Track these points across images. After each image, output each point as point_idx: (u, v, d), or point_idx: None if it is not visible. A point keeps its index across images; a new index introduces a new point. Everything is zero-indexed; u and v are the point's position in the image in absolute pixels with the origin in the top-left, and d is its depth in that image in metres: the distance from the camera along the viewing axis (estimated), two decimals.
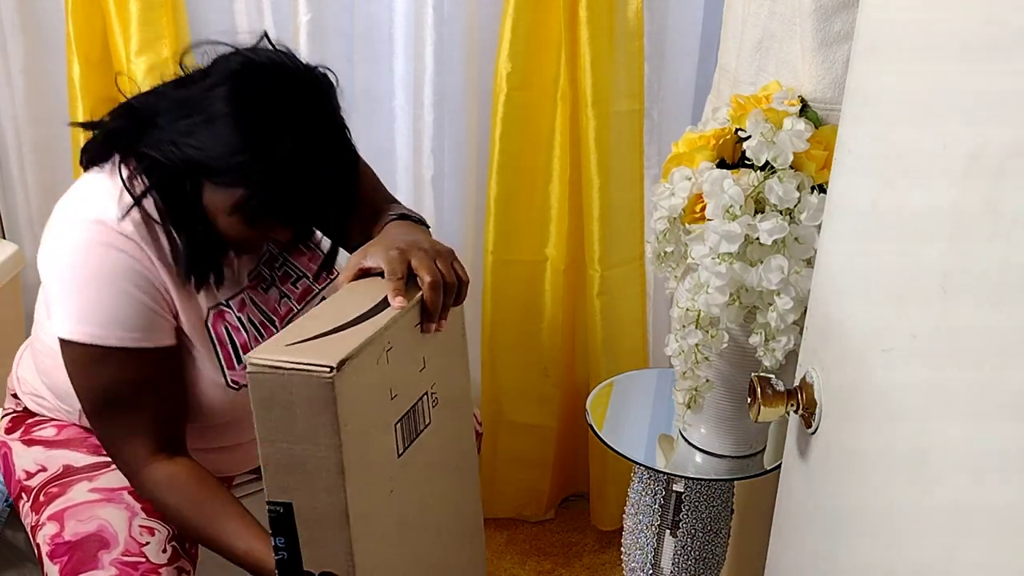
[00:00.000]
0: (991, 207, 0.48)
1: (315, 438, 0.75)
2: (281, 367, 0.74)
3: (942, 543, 0.53)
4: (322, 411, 0.74)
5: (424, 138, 1.59)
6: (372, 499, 0.81)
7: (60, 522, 1.05)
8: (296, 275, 1.16)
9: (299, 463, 0.77)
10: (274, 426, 0.76)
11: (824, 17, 1.04)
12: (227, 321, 1.06)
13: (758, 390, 0.77)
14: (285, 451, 0.77)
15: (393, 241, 0.94)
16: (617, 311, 1.68)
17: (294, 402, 0.75)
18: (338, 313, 0.83)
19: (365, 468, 0.79)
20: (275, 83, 0.95)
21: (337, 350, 0.75)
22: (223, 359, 1.06)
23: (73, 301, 0.97)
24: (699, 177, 1.05)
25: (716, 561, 1.27)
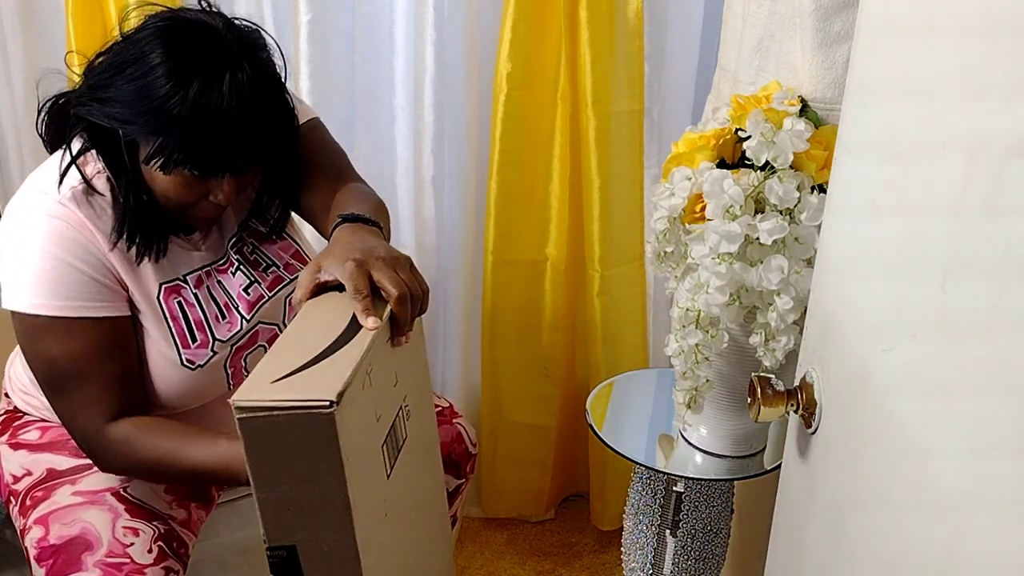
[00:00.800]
0: (992, 206, 0.48)
1: (318, 477, 0.72)
2: (275, 408, 0.70)
3: (942, 542, 0.53)
4: (324, 448, 0.71)
5: (424, 138, 1.59)
6: (372, 528, 0.79)
7: (45, 526, 1.05)
8: (267, 263, 1.16)
9: (301, 504, 0.73)
10: (271, 470, 0.72)
11: (824, 17, 1.04)
12: (182, 296, 1.06)
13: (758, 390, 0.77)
14: (285, 494, 0.73)
15: (348, 251, 0.88)
16: (617, 311, 1.68)
17: (292, 443, 0.71)
18: (311, 340, 0.79)
19: (365, 499, 0.76)
20: (193, 35, 0.95)
21: (329, 382, 0.72)
22: (176, 334, 1.06)
23: (15, 272, 0.99)
24: (699, 177, 1.05)
25: (716, 561, 1.27)
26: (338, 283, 0.86)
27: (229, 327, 1.10)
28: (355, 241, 0.92)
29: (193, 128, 0.93)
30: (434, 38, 1.52)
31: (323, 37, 1.54)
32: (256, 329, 1.14)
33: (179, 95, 0.92)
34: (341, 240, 0.93)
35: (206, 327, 1.08)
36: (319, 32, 1.53)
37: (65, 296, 0.98)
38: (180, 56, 0.93)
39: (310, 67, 1.54)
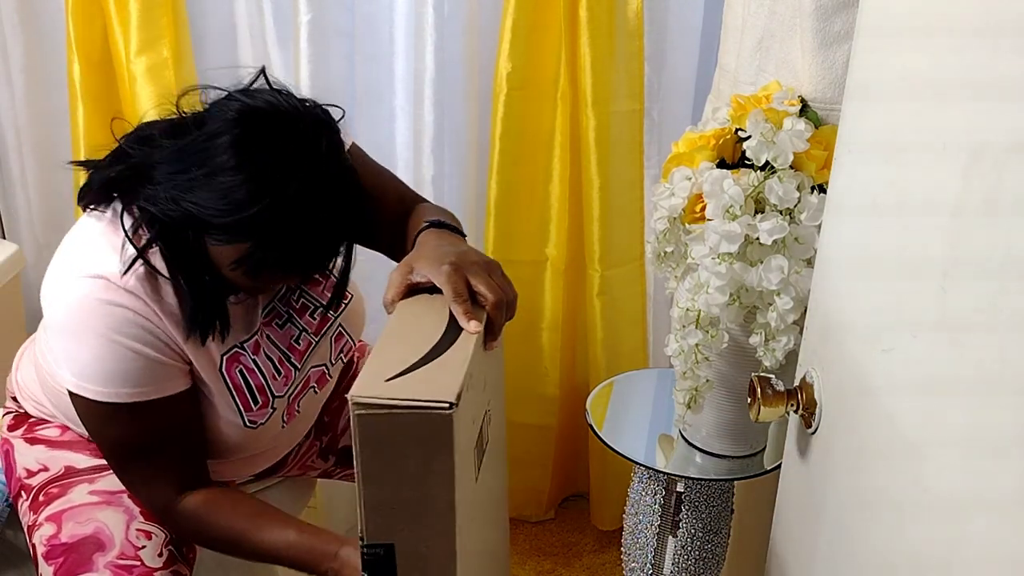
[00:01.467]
0: (992, 205, 0.48)
1: (427, 478, 0.73)
2: (394, 406, 0.71)
3: (942, 541, 0.53)
4: (439, 449, 0.71)
5: (424, 138, 1.59)
6: (465, 531, 0.79)
7: (58, 523, 1.04)
8: (313, 306, 1.12)
9: (406, 503, 0.74)
10: (381, 467, 0.73)
11: (824, 17, 1.04)
12: (242, 364, 1.04)
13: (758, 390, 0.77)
14: (391, 493, 0.74)
15: (442, 255, 0.89)
16: (617, 311, 1.68)
17: (407, 442, 0.72)
18: (415, 340, 0.80)
19: (462, 502, 0.77)
20: (273, 131, 0.90)
21: (446, 383, 0.72)
22: (240, 402, 1.04)
23: (79, 358, 0.95)
24: (699, 177, 1.05)
25: (716, 561, 1.27)
26: (429, 285, 0.87)
27: (285, 380, 1.08)
28: (445, 245, 0.93)
29: (287, 238, 0.90)
30: (434, 38, 1.52)
31: (323, 37, 1.54)
32: (308, 374, 1.13)
33: (265, 202, 0.87)
34: (430, 244, 0.94)
35: (266, 389, 1.06)
36: (319, 32, 1.53)
37: (134, 384, 0.95)
38: (260, 158, 0.88)
39: (310, 67, 1.54)
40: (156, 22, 1.52)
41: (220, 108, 0.93)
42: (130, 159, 0.96)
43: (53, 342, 0.99)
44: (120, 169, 0.97)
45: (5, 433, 1.17)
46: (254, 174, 0.87)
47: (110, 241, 0.96)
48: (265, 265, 0.92)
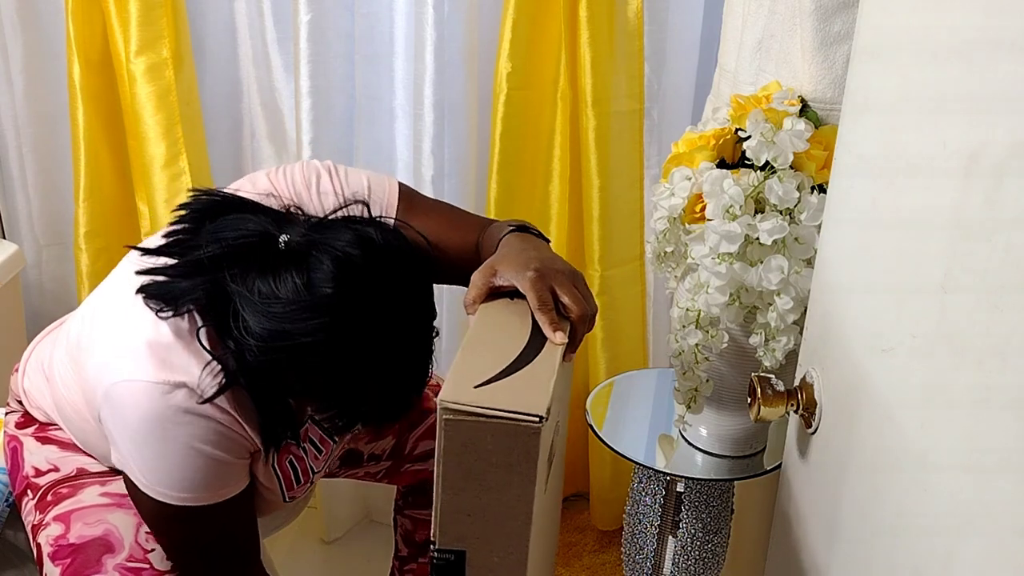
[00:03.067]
0: (992, 206, 0.48)
1: (508, 488, 0.72)
2: (483, 414, 0.71)
3: (942, 542, 0.53)
4: (522, 460, 0.71)
5: (424, 138, 1.59)
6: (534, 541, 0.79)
7: (66, 523, 1.04)
8: None
9: (482, 511, 0.74)
10: (463, 474, 0.73)
11: (824, 17, 1.04)
12: (292, 453, 1.04)
13: (758, 390, 0.77)
14: (470, 499, 0.74)
15: (526, 259, 0.86)
16: (617, 311, 1.68)
17: (491, 451, 0.71)
18: (500, 347, 0.80)
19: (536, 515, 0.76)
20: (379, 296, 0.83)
21: (534, 395, 0.72)
22: (285, 486, 1.05)
23: (154, 463, 0.92)
24: (699, 177, 1.05)
25: (716, 561, 1.27)
26: (512, 289, 0.85)
27: (325, 456, 1.09)
28: (530, 249, 0.90)
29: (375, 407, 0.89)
30: (434, 38, 1.52)
31: (323, 37, 1.54)
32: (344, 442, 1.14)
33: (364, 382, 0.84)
34: (514, 247, 0.91)
35: (309, 469, 1.07)
36: (319, 32, 1.53)
37: (212, 488, 0.94)
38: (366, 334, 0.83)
39: (310, 67, 1.54)
40: (156, 22, 1.52)
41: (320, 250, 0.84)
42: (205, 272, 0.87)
43: (121, 442, 0.94)
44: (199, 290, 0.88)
45: (13, 430, 1.16)
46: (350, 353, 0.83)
47: (185, 344, 0.90)
48: (349, 426, 0.92)
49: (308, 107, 1.55)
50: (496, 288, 0.87)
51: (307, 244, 0.85)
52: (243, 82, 1.69)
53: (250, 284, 0.84)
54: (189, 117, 1.60)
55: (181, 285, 0.89)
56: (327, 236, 0.85)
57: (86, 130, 1.59)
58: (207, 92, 1.65)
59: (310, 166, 1.03)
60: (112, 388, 0.92)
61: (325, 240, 0.84)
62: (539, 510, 0.80)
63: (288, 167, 1.03)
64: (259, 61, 1.65)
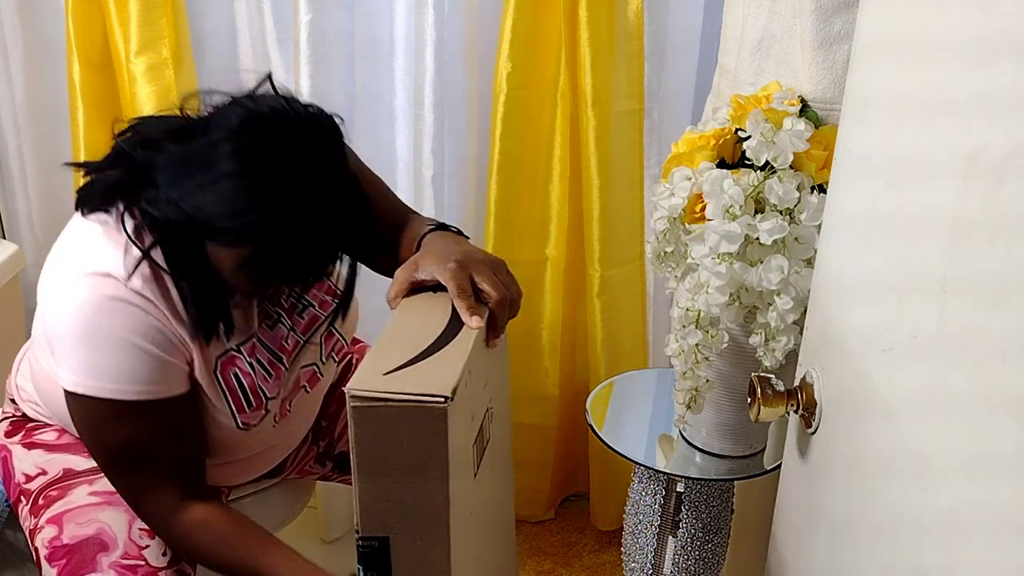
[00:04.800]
0: (992, 206, 0.48)
1: (423, 471, 0.73)
2: (389, 399, 0.72)
3: (942, 543, 0.53)
4: (435, 443, 0.72)
5: (424, 138, 1.59)
6: (461, 526, 0.80)
7: (59, 525, 1.04)
8: (302, 305, 1.12)
9: (401, 497, 0.75)
10: (378, 460, 0.74)
11: (824, 17, 1.04)
12: (237, 366, 1.03)
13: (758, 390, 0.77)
14: (387, 486, 0.75)
15: (447, 254, 0.91)
16: (617, 311, 1.68)
17: (403, 435, 0.72)
18: (416, 335, 0.80)
19: (458, 497, 0.77)
20: (277, 137, 0.89)
21: (442, 378, 0.73)
22: (233, 404, 1.03)
23: (86, 357, 0.94)
24: (699, 177, 1.05)
25: (716, 561, 1.27)
26: (433, 283, 0.88)
27: (276, 382, 1.08)
28: (452, 244, 0.94)
29: (290, 244, 0.90)
30: (434, 38, 1.52)
31: (323, 37, 1.54)
32: (298, 374, 1.12)
33: (267, 208, 0.87)
34: (436, 244, 0.96)
35: (260, 391, 1.05)
36: (319, 32, 1.53)
37: (143, 381, 0.95)
38: (263, 164, 0.88)
39: (310, 67, 1.54)
40: (156, 22, 1.52)
41: (224, 113, 0.92)
42: (132, 162, 0.95)
43: (56, 343, 0.97)
44: (123, 172, 0.96)
45: (2, 439, 1.17)
46: (257, 180, 0.87)
47: (112, 240, 0.95)
48: (267, 271, 0.92)
49: None
50: (418, 282, 0.89)
51: (214, 111, 0.93)
52: (243, 83, 1.68)
53: (162, 155, 0.92)
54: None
55: (104, 176, 0.97)
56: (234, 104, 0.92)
57: (86, 130, 1.59)
58: None
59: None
60: (42, 292, 0.98)
61: (231, 106, 0.92)
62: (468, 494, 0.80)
63: None
64: (259, 61, 1.65)
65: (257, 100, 0.94)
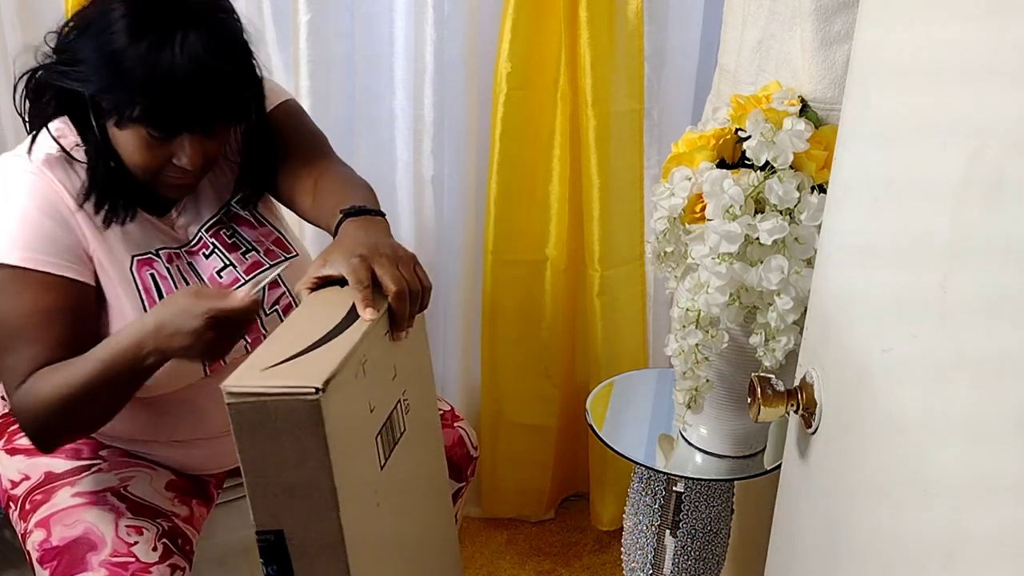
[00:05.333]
0: (991, 207, 0.48)
1: (304, 463, 0.73)
2: (263, 393, 0.71)
3: (942, 543, 0.53)
4: (310, 435, 0.72)
5: (424, 138, 1.59)
6: (362, 516, 0.80)
7: (47, 528, 1.05)
8: (246, 247, 1.15)
9: (288, 489, 0.75)
10: (259, 455, 0.74)
11: (824, 17, 1.04)
12: (154, 269, 1.06)
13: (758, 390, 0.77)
14: (273, 479, 0.74)
15: (354, 246, 0.90)
16: (617, 311, 1.68)
17: (280, 429, 0.72)
18: (308, 329, 0.79)
19: (354, 487, 0.77)
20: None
21: (318, 369, 0.73)
22: (148, 306, 1.04)
23: None
24: (699, 177, 1.05)
25: (716, 561, 1.27)
26: (342, 277, 0.87)
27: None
28: (361, 236, 0.94)
29: (146, 83, 0.94)
30: (434, 38, 1.52)
31: (323, 37, 1.54)
32: None
33: (133, 50, 0.93)
34: (348, 235, 0.95)
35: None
36: (319, 32, 1.53)
37: (31, 248, 0.98)
38: (139, 12, 0.94)
39: (310, 67, 1.54)
40: None
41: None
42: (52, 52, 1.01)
43: None
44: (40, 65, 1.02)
45: None
46: (124, 25, 0.93)
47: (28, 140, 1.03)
48: (128, 118, 0.95)
49: (308, 107, 1.55)
50: (325, 278, 0.88)
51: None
52: None
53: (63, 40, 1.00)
54: None
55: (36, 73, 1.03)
56: None
57: None
58: None
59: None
60: None
61: None
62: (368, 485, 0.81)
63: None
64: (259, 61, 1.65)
65: None
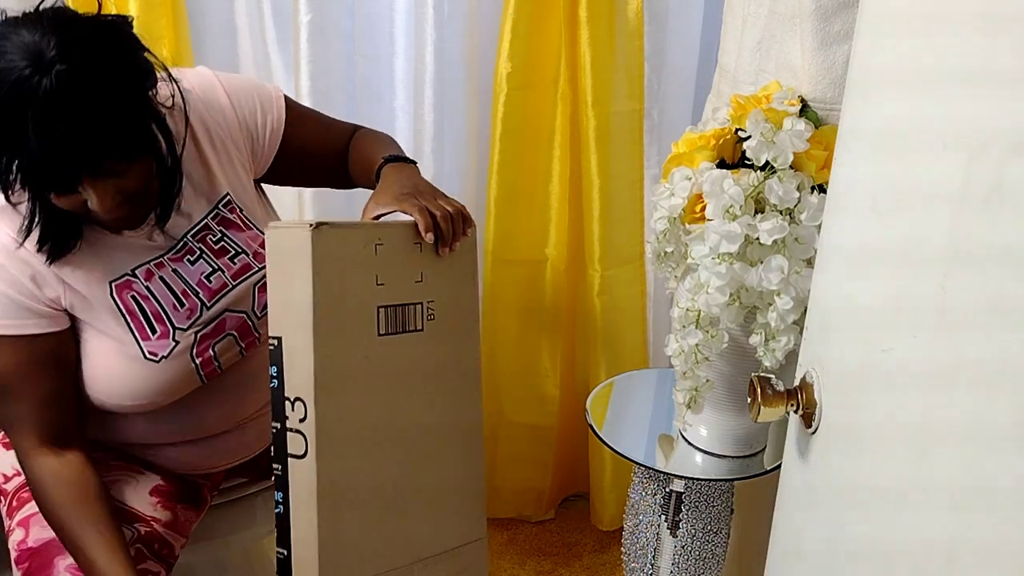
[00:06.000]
0: (991, 207, 0.48)
1: (295, 283, 0.94)
2: (280, 227, 0.97)
3: (942, 542, 0.53)
4: (302, 259, 0.93)
5: (424, 138, 1.59)
6: (342, 351, 0.97)
7: (26, 528, 1.05)
8: (235, 250, 1.13)
9: (286, 303, 0.95)
10: (274, 272, 0.96)
11: (824, 17, 1.04)
12: (134, 290, 1.05)
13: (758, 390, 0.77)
14: (280, 293, 0.95)
15: (399, 188, 1.05)
16: (617, 311, 1.68)
17: (287, 254, 0.95)
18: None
19: (331, 323, 0.95)
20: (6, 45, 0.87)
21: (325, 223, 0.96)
22: (135, 328, 1.04)
23: None
24: (699, 177, 1.05)
25: (716, 561, 1.27)
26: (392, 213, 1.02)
27: (189, 314, 1.08)
28: (403, 179, 1.09)
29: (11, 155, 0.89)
30: (434, 38, 1.52)
31: (323, 37, 1.54)
32: (223, 317, 1.11)
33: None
34: (390, 178, 1.10)
35: (164, 317, 1.06)
36: (319, 32, 1.53)
37: None
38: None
39: (310, 67, 1.54)
40: (156, 22, 1.52)
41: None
42: None
43: None
44: None
45: None
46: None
47: None
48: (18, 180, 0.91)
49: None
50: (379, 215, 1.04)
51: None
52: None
53: None
54: None
55: None
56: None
57: None
58: None
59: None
60: None
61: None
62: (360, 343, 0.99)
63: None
64: (259, 61, 1.65)
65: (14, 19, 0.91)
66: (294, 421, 0.96)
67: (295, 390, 0.95)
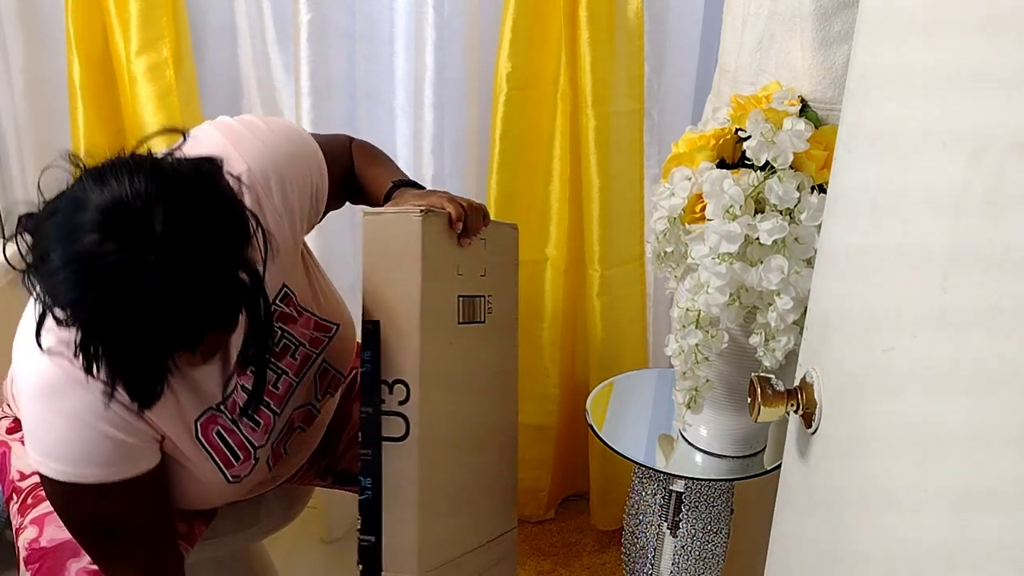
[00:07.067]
0: (992, 207, 0.48)
1: (402, 266, 0.96)
2: (384, 212, 0.99)
3: (942, 542, 0.53)
4: (411, 244, 0.96)
5: (424, 138, 1.59)
6: (435, 335, 1.00)
7: (40, 527, 1.05)
8: (294, 346, 1.08)
9: (387, 287, 0.96)
10: (374, 259, 0.97)
11: (824, 17, 1.04)
12: (219, 424, 1.01)
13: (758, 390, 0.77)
14: (380, 278, 0.97)
15: (417, 200, 1.03)
16: (617, 311, 1.68)
17: (390, 238, 0.96)
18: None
19: (433, 307, 0.98)
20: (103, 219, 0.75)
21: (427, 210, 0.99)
22: (220, 461, 1.03)
23: (45, 438, 0.92)
24: (699, 177, 1.05)
25: (716, 561, 1.27)
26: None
27: (265, 429, 1.06)
28: (419, 192, 1.10)
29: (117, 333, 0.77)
30: (434, 38, 1.52)
31: (323, 37, 1.54)
32: (291, 416, 1.10)
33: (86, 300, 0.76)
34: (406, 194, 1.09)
35: (246, 444, 1.04)
36: (319, 32, 1.53)
37: (99, 464, 0.92)
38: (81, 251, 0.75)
39: (310, 67, 1.54)
40: (156, 22, 1.52)
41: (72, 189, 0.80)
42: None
43: (23, 418, 0.96)
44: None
45: (3, 435, 1.17)
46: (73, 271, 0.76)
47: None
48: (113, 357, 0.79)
49: (308, 107, 1.55)
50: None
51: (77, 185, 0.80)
52: (243, 82, 1.69)
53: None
54: (189, 117, 1.60)
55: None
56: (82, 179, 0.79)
57: (86, 130, 1.59)
58: (207, 92, 1.65)
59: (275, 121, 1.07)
60: (16, 366, 0.95)
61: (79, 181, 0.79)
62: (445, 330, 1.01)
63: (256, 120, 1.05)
64: (259, 61, 1.65)
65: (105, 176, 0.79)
66: (392, 404, 0.96)
67: (395, 372, 0.95)
